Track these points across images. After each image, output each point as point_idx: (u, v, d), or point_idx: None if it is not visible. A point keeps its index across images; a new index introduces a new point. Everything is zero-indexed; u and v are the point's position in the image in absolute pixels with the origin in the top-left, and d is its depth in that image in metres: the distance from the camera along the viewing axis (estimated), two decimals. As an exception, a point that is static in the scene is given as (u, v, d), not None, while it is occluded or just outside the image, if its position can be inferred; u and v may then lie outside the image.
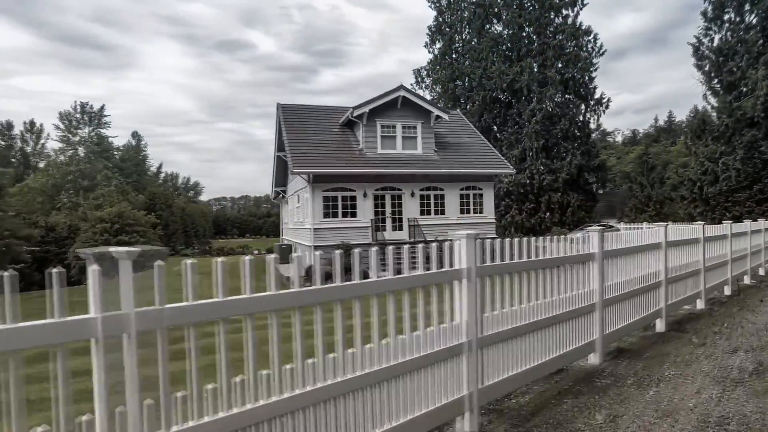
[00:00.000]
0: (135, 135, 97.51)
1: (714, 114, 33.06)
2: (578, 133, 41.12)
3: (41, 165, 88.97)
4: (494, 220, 24.71)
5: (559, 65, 40.65)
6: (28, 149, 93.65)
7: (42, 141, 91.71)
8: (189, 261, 2.75)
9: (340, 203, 22.47)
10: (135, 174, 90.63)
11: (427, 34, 46.92)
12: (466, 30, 46.08)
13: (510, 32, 42.65)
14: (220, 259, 2.89)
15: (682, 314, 9.84)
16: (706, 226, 11.20)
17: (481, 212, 24.41)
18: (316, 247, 21.59)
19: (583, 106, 41.76)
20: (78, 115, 79.92)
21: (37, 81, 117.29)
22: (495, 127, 44.23)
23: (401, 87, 23.44)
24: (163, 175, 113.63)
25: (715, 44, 32.22)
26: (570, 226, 38.67)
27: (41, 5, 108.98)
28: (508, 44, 43.39)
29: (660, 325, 8.58)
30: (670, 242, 8.97)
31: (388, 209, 23.22)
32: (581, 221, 39.29)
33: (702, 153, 32.01)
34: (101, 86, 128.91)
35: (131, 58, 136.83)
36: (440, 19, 46.12)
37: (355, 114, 23.03)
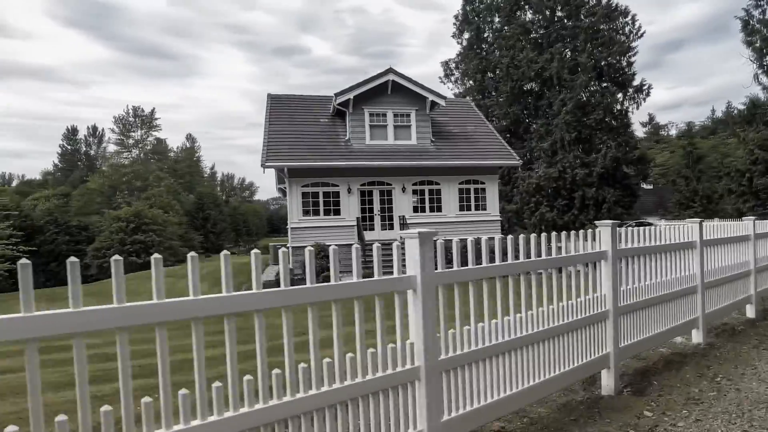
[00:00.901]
0: (189, 137, 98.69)
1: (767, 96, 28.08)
2: (615, 123, 36.55)
3: (104, 167, 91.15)
4: (499, 218, 21.26)
5: (595, 50, 36.22)
6: (92, 152, 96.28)
7: (104, 145, 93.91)
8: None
9: (321, 200, 19.71)
10: (188, 175, 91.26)
11: (454, 24, 43.45)
12: (496, 18, 42.32)
13: (539, 17, 38.58)
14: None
15: (660, 355, 6.48)
16: (708, 223, 7.71)
17: (483, 209, 21.02)
18: (294, 248, 18.96)
19: (620, 95, 37.12)
20: (131, 119, 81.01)
21: (113, 90, 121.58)
22: (526, 119, 40.29)
23: (390, 70, 20.41)
24: (219, 176, 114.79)
25: (767, 16, 27.28)
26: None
27: (117, 20, 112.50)
28: (540, 31, 39.29)
29: (607, 381, 5.32)
30: (626, 251, 5.67)
31: (377, 206, 20.25)
32: (618, 218, 34.88)
33: (752, 140, 27.14)
34: (170, 93, 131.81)
35: (198, 66, 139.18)
36: (467, 8, 42.49)
37: (338, 101, 20.20)
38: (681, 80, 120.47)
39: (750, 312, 8.80)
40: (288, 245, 19.54)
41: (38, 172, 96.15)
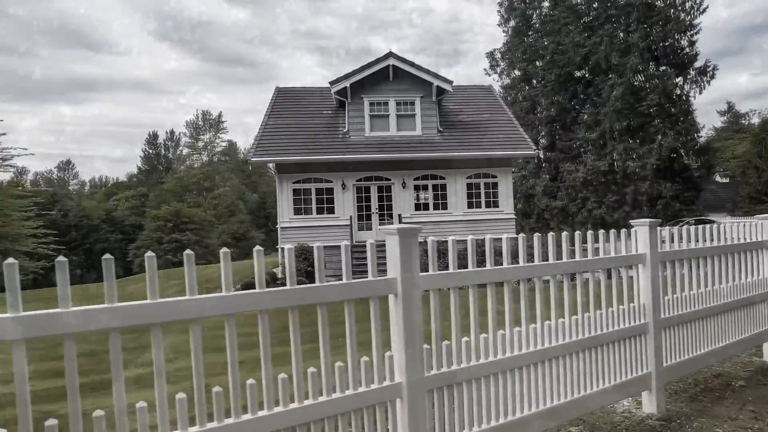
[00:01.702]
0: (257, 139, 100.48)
1: None
2: (673, 110, 32.04)
3: (181, 168, 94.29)
4: (513, 216, 18.33)
5: (649, 30, 31.86)
6: (170, 155, 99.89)
7: (180, 148, 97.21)
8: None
9: (313, 197, 17.69)
10: (255, 175, 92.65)
11: (498, 11, 40.10)
12: (545, 3, 38.61)
13: (588, -1, 34.64)
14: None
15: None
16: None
17: (495, 206, 18.19)
18: (284, 249, 17.02)
19: (680, 78, 32.49)
20: (200, 123, 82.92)
21: (202, 97, 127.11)
22: (574, 108, 36.43)
23: (390, 55, 18.07)
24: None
25: None
26: (663, 221, 30.18)
27: (204, 33, 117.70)
28: (592, 13, 35.26)
29: None
30: (443, 277, 3.21)
31: (375, 203, 17.97)
32: (676, 215, 30.57)
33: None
34: (248, 100, 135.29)
35: (273, 72, 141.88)
36: (511, -7, 39.04)
37: (335, 90, 18.11)
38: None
39: (768, 353, 5.87)
40: (278, 246, 17.75)
41: (125, 174, 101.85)
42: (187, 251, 2.40)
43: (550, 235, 4.22)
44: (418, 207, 17.97)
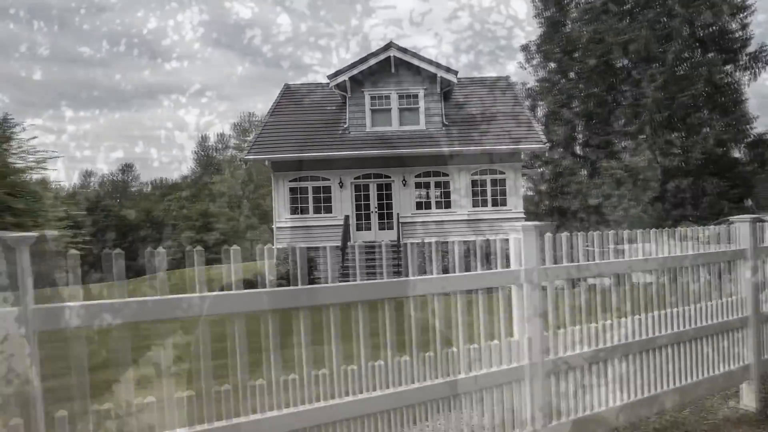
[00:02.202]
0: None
1: None
2: (721, 99, 29.14)
3: (229, 169, 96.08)
4: (522, 215, 16.78)
5: (694, 12, 29.12)
6: (220, 157, 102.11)
7: (229, 150, 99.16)
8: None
9: (310, 196, 16.80)
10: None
11: (533, 1, 37.91)
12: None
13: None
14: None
15: None
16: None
17: (503, 204, 16.69)
18: (280, 251, 16.26)
19: (730, 65, 29.51)
20: (246, 125, 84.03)
21: (252, 100, 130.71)
22: (613, 100, 33.96)
23: (391, 45, 16.91)
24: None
25: None
26: (708, 219, 27.58)
27: (256, 38, 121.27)
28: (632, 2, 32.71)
29: None
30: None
31: (374, 202, 16.87)
32: (720, 214, 27.82)
33: None
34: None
35: (322, 72, 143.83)
36: (546, -19, 36.78)
37: (333, 84, 17.15)
38: None
39: (748, 397, 4.42)
40: (273, 246, 16.90)
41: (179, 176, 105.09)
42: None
43: (481, 239, 3.15)
44: (419, 206, 16.76)
